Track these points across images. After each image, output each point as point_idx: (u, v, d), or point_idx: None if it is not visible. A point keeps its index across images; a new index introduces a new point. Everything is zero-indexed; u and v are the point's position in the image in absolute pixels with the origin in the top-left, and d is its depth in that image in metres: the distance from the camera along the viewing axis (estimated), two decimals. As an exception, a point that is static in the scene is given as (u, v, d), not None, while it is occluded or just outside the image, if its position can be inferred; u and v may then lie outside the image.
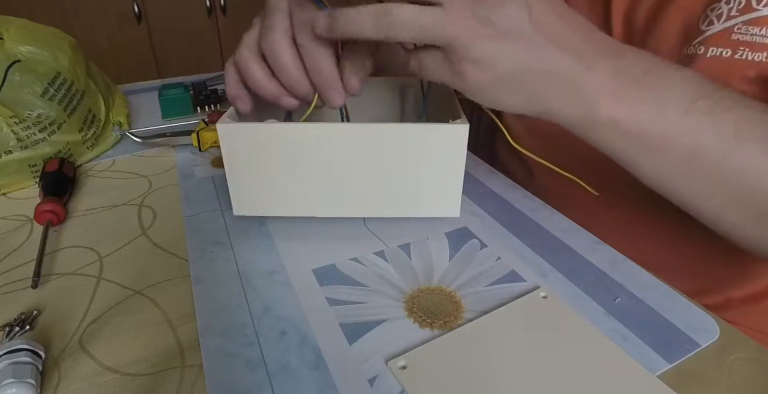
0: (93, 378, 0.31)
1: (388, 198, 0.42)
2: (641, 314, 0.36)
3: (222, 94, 0.76)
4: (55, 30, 0.60)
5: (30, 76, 0.52)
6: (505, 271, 0.40)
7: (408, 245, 0.43)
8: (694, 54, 0.42)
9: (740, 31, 0.39)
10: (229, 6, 2.03)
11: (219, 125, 0.39)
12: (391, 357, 0.32)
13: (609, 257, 0.42)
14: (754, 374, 0.32)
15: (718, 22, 0.40)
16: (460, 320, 0.35)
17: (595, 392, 0.30)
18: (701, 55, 0.41)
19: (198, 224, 0.46)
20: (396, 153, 0.39)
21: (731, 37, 0.40)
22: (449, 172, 0.40)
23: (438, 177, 0.40)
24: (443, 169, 0.40)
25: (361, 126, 0.38)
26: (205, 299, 0.37)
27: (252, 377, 0.31)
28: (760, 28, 0.38)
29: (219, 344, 0.33)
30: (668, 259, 0.48)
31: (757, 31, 0.39)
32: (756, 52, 0.39)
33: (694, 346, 0.33)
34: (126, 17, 1.87)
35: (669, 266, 0.44)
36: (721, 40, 0.40)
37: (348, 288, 0.38)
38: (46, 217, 0.45)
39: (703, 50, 0.41)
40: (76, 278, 0.40)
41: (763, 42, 0.38)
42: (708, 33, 0.41)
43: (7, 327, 0.34)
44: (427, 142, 0.39)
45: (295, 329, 0.34)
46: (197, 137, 0.59)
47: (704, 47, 0.41)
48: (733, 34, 0.40)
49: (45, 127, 0.53)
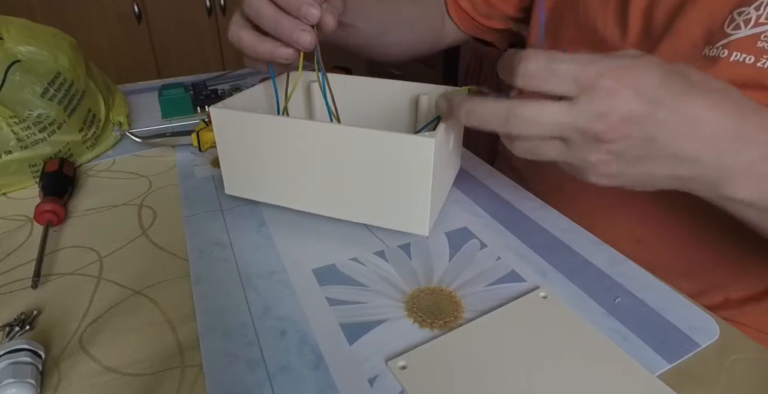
0: (93, 378, 0.31)
1: (359, 203, 0.41)
2: (641, 314, 0.36)
3: (222, 95, 0.76)
4: (55, 30, 0.60)
5: (30, 76, 0.52)
6: (505, 271, 0.40)
7: (408, 245, 0.43)
8: (716, 57, 0.41)
9: (766, 39, 0.39)
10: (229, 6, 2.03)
11: (212, 109, 0.41)
12: (391, 357, 0.32)
13: (609, 257, 0.42)
14: (754, 374, 0.32)
15: (746, 28, 0.39)
16: (460, 320, 0.35)
17: (595, 392, 0.30)
18: (724, 58, 0.41)
19: (198, 223, 0.46)
20: (366, 158, 0.38)
21: (756, 44, 0.39)
22: (416, 186, 0.38)
23: (405, 190, 0.39)
24: (410, 182, 0.38)
25: (332, 126, 0.39)
26: (205, 299, 0.37)
27: (252, 377, 0.31)
28: None
29: (219, 344, 0.33)
30: (669, 260, 0.48)
31: None
32: None
33: (694, 346, 0.33)
34: (126, 17, 1.87)
35: (670, 266, 0.44)
36: (746, 45, 0.40)
37: (348, 288, 0.38)
38: (46, 217, 0.45)
39: (726, 54, 0.40)
40: (76, 278, 0.40)
41: None
42: (733, 37, 0.40)
43: (7, 327, 0.34)
44: (393, 152, 0.37)
45: (295, 329, 0.34)
46: (197, 137, 0.59)
47: (728, 51, 0.40)
48: (759, 41, 0.39)
49: (45, 127, 0.53)
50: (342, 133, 0.38)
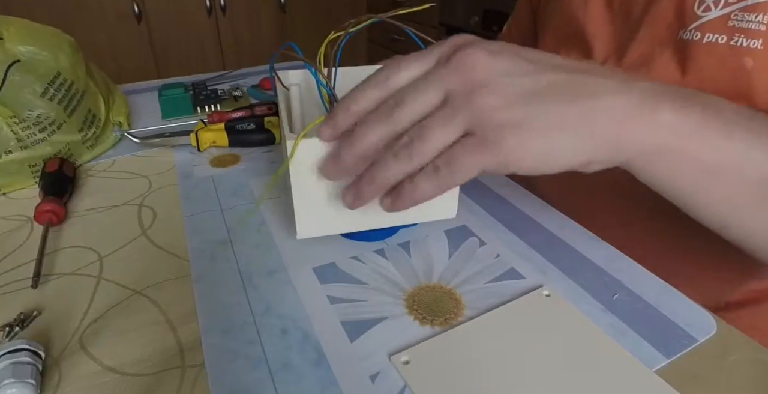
0: (93, 378, 0.31)
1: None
2: (639, 310, 0.36)
3: (221, 94, 0.76)
4: (55, 30, 0.60)
5: (30, 76, 0.52)
6: (504, 268, 0.40)
7: (408, 243, 0.43)
8: (690, 39, 0.42)
9: (737, 17, 0.39)
10: (229, 6, 2.03)
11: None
12: (392, 354, 0.32)
13: (607, 253, 0.42)
14: (754, 374, 0.32)
15: (715, 9, 0.40)
16: (460, 317, 0.35)
17: (595, 388, 0.30)
18: (697, 41, 0.41)
19: (198, 223, 0.46)
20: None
21: (728, 24, 0.40)
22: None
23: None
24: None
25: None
26: (206, 298, 0.37)
27: (254, 375, 0.31)
28: (756, 15, 0.38)
29: (221, 343, 0.33)
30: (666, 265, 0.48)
31: (753, 18, 0.38)
32: (751, 38, 0.39)
33: (692, 341, 0.33)
34: (126, 17, 1.87)
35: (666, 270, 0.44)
36: (717, 26, 0.40)
37: (348, 286, 0.38)
38: (46, 217, 0.45)
39: (699, 36, 0.41)
40: (76, 278, 0.40)
41: (759, 29, 0.38)
42: (704, 19, 0.41)
43: (7, 327, 0.34)
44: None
45: (296, 327, 0.34)
46: (196, 137, 0.59)
47: (700, 33, 0.41)
48: (729, 21, 0.40)
49: (45, 127, 0.53)
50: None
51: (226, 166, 0.57)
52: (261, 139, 0.61)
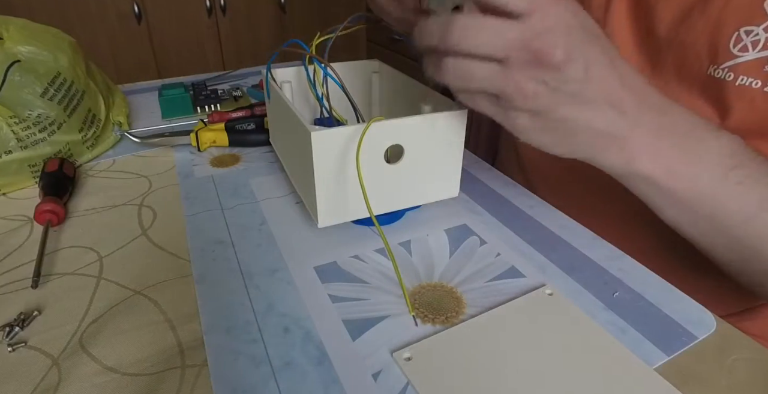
0: (93, 378, 0.31)
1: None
2: (639, 308, 0.36)
3: (221, 94, 0.76)
4: (55, 30, 0.60)
5: (30, 76, 0.52)
6: (505, 267, 0.40)
7: (408, 242, 0.43)
8: (722, 79, 0.40)
9: None
10: (229, 6, 2.03)
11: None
12: (394, 352, 0.32)
13: (607, 252, 0.42)
14: (754, 374, 0.32)
15: (753, 50, 0.38)
16: (462, 316, 0.35)
17: (596, 385, 0.30)
18: (730, 81, 0.39)
19: (199, 223, 0.46)
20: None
21: (764, 68, 0.38)
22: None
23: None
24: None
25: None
26: (208, 297, 0.37)
27: (257, 374, 0.31)
28: None
29: (223, 342, 0.33)
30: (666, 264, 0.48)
31: None
32: None
33: (692, 338, 0.33)
34: (126, 17, 1.87)
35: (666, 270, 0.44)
36: (752, 69, 0.38)
37: (350, 285, 0.38)
38: (46, 217, 0.45)
39: (732, 77, 0.39)
40: (76, 278, 0.40)
41: None
42: (740, 60, 0.39)
43: (7, 327, 0.34)
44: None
45: (298, 326, 0.34)
46: (196, 137, 0.59)
47: (734, 74, 0.39)
48: (766, 66, 0.38)
49: (45, 127, 0.53)
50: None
51: (226, 166, 0.57)
52: (261, 139, 0.60)
